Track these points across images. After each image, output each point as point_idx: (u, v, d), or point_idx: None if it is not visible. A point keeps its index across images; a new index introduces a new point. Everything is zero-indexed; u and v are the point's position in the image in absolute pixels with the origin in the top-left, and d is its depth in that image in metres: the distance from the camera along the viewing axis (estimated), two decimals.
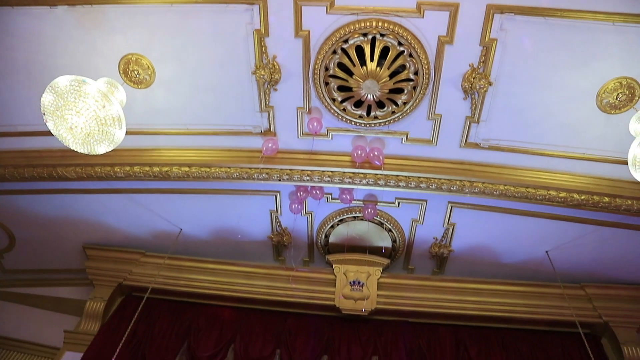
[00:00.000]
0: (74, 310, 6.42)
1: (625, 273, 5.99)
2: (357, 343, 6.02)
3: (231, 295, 6.32)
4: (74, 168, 5.34)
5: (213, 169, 5.34)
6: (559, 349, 5.81)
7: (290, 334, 6.11)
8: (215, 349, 5.89)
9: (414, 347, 5.94)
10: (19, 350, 6.12)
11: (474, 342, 5.96)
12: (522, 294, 6.12)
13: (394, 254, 6.46)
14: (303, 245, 6.55)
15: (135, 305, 6.00)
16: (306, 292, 6.28)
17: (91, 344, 5.73)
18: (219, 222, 6.26)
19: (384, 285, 6.27)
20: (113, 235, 6.43)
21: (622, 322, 5.85)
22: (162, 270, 6.26)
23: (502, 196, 5.21)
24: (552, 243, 5.85)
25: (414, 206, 5.88)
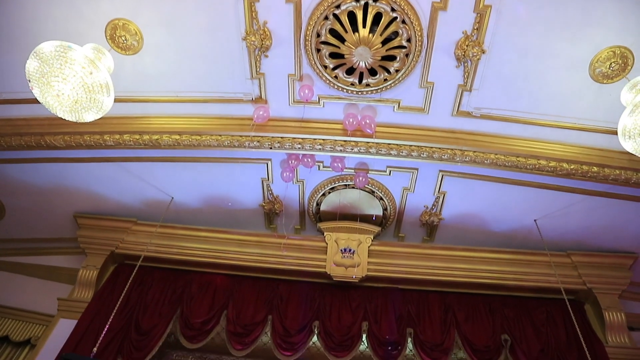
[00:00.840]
0: (67, 278, 6.46)
1: (611, 241, 6.10)
2: (348, 309, 6.13)
3: (223, 263, 6.38)
4: (63, 136, 5.27)
5: (204, 136, 5.31)
6: (543, 314, 5.97)
7: (282, 300, 6.21)
8: (208, 315, 5.98)
9: (403, 313, 6.07)
10: (13, 318, 6.18)
11: (461, 308, 6.11)
12: (509, 262, 6.24)
13: (384, 222, 6.52)
14: (294, 213, 6.58)
15: (128, 273, 6.05)
16: (298, 260, 6.35)
17: (85, 311, 5.79)
18: (211, 191, 6.26)
19: (375, 252, 6.36)
20: (104, 204, 6.41)
21: (605, 289, 5.99)
22: (154, 239, 6.29)
23: (492, 165, 5.23)
24: (540, 212, 5.92)
25: (405, 174, 5.90)
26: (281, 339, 5.91)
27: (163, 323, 5.87)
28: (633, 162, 4.88)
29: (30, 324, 6.10)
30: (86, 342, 5.40)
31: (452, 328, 5.92)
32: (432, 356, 5.75)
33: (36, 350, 5.56)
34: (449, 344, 5.79)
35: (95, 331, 5.51)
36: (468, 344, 5.78)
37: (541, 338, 5.72)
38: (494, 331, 5.84)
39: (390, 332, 5.90)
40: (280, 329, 5.95)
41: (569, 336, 5.70)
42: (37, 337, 5.90)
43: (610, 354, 5.52)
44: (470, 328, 5.90)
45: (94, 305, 5.87)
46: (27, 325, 6.11)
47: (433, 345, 5.79)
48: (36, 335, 5.95)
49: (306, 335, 5.94)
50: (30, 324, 6.11)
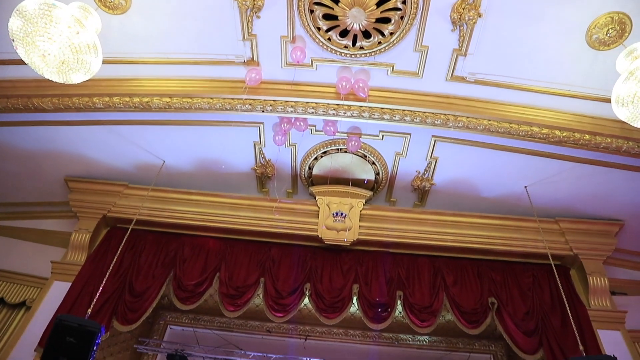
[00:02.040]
0: (60, 242, 6.47)
1: (598, 209, 6.18)
2: (339, 272, 6.24)
3: (216, 226, 6.42)
4: (51, 99, 5.18)
5: (195, 99, 5.24)
6: (530, 278, 6.13)
7: (274, 263, 6.29)
8: (201, 277, 6.07)
9: (393, 276, 6.19)
10: (8, 280, 6.22)
11: (450, 271, 6.24)
12: (498, 227, 6.34)
13: (376, 187, 6.55)
14: (287, 177, 6.58)
15: (121, 236, 6.07)
16: (290, 223, 6.40)
17: (79, 273, 5.84)
18: (202, 154, 6.22)
19: (366, 216, 6.41)
20: (95, 167, 6.37)
21: (590, 255, 6.12)
22: (146, 202, 6.29)
23: (485, 131, 5.22)
24: (531, 179, 5.96)
25: (397, 139, 5.89)
26: (273, 300, 6.02)
27: (156, 285, 5.95)
28: (625, 130, 4.89)
29: (25, 287, 6.15)
30: (81, 304, 5.47)
31: (440, 291, 6.06)
32: (421, 318, 5.91)
33: (31, 312, 5.62)
34: (437, 306, 5.94)
35: (89, 293, 5.58)
36: (456, 307, 5.93)
37: (527, 301, 5.88)
38: (481, 294, 5.98)
39: (381, 294, 6.03)
40: (272, 291, 6.05)
41: (554, 299, 5.87)
42: (32, 299, 5.96)
43: (592, 317, 5.69)
44: (458, 291, 6.04)
45: (87, 268, 5.92)
46: (21, 287, 6.16)
47: (422, 307, 5.94)
48: (31, 297, 6.01)
49: (298, 297, 6.06)
50: (24, 287, 6.16)
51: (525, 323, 5.70)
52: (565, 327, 5.53)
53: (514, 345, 5.70)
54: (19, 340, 5.34)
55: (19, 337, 5.38)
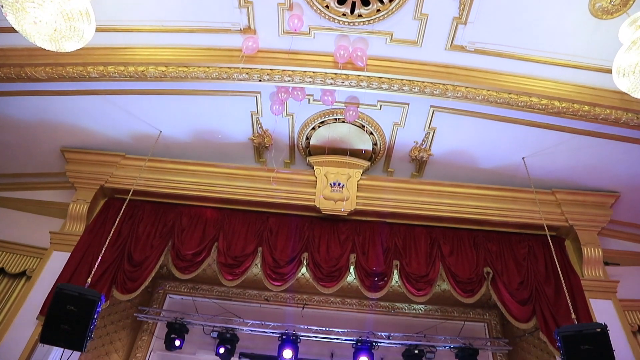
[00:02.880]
0: (58, 212, 6.48)
1: (595, 180, 6.19)
2: (336, 241, 6.30)
3: (213, 196, 6.44)
4: (44, 68, 5.10)
5: (191, 68, 5.17)
6: (525, 249, 6.20)
7: (272, 233, 6.34)
8: (199, 247, 6.12)
9: (390, 246, 6.25)
10: (8, 251, 6.25)
11: (447, 241, 6.31)
12: (496, 198, 6.36)
13: (374, 157, 6.53)
14: (284, 147, 6.55)
15: (119, 207, 6.09)
16: (287, 193, 6.42)
17: (77, 244, 5.88)
18: (199, 124, 6.17)
19: (364, 187, 6.43)
20: (91, 138, 6.32)
21: (585, 226, 6.16)
22: (143, 173, 6.28)
23: (484, 101, 5.18)
24: (529, 150, 5.94)
25: (395, 109, 5.84)
26: (271, 269, 6.09)
27: (155, 255, 6.01)
28: (624, 101, 4.86)
29: (25, 257, 6.19)
30: (80, 274, 5.53)
31: (437, 260, 6.13)
32: (417, 287, 6.00)
33: (32, 282, 5.68)
34: (433, 276, 6.02)
35: (88, 263, 5.63)
36: (452, 276, 6.01)
37: (521, 271, 5.97)
38: (477, 264, 6.06)
39: (377, 263, 6.10)
40: (270, 260, 6.12)
41: (548, 270, 5.95)
42: (32, 269, 6.00)
43: (585, 286, 5.78)
44: (454, 261, 6.12)
45: (86, 238, 5.96)
46: (21, 257, 6.20)
47: (418, 276, 6.02)
48: (31, 267, 6.05)
49: (295, 266, 6.13)
50: (24, 257, 6.19)
51: (520, 292, 5.79)
52: (558, 297, 5.63)
53: (507, 313, 5.82)
54: (21, 308, 5.42)
55: (20, 305, 5.45)
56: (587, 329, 4.63)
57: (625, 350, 5.25)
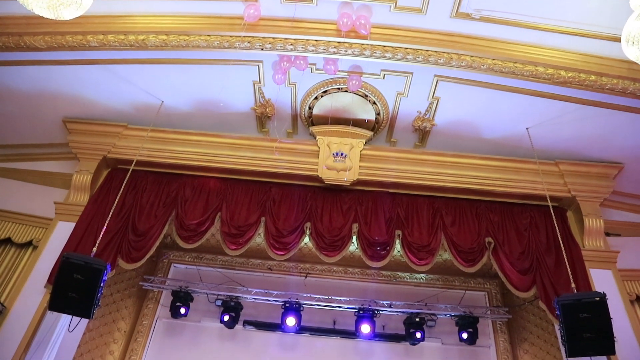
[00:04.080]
0: (62, 183, 6.49)
1: (598, 151, 6.16)
2: (339, 211, 6.33)
3: (216, 167, 6.45)
4: (43, 37, 5.03)
5: (192, 37, 5.09)
6: (527, 219, 6.22)
7: (275, 203, 6.38)
8: (202, 217, 6.16)
9: (392, 216, 6.29)
10: (13, 221, 6.30)
11: (449, 212, 6.34)
12: (499, 169, 6.34)
13: (377, 127, 6.49)
14: (287, 117, 6.51)
15: (122, 177, 6.11)
16: (290, 163, 6.41)
17: (82, 214, 5.94)
18: (201, 94, 6.13)
19: (366, 157, 6.42)
20: (93, 108, 6.29)
21: (588, 197, 6.17)
22: (146, 143, 6.27)
23: (489, 70, 5.11)
24: (533, 120, 5.89)
25: (399, 78, 5.77)
26: (274, 239, 6.15)
27: (159, 224, 6.07)
28: (632, 71, 4.77)
29: (31, 227, 6.24)
30: (86, 243, 5.60)
31: (439, 230, 6.18)
32: (419, 256, 6.06)
33: (38, 251, 5.77)
34: (435, 245, 6.08)
35: (93, 233, 5.69)
36: (454, 246, 6.07)
37: (523, 241, 6.01)
38: (478, 234, 6.11)
39: (380, 233, 6.15)
40: (273, 230, 6.17)
41: (549, 240, 5.99)
42: (38, 239, 6.07)
43: (585, 256, 5.84)
44: (456, 231, 6.16)
45: (90, 209, 6.01)
46: (27, 228, 6.25)
47: (420, 246, 6.08)
48: (37, 237, 6.11)
49: (298, 236, 6.20)
50: (30, 227, 6.24)
51: (521, 262, 5.85)
52: (558, 266, 5.67)
53: (508, 283, 5.89)
54: (29, 277, 5.52)
55: (28, 274, 5.55)
56: (586, 297, 4.70)
57: (622, 318, 5.34)
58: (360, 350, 7.51)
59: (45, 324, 5.28)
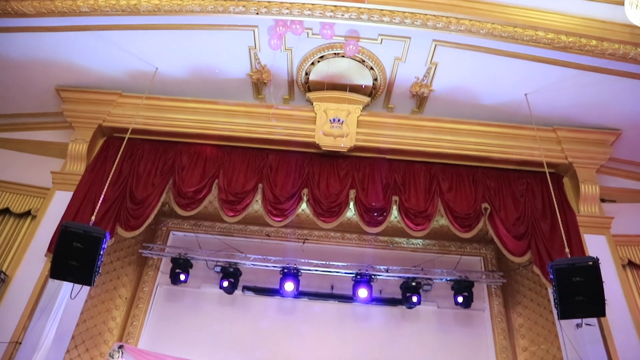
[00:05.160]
0: (58, 152, 6.47)
1: (597, 118, 6.14)
2: (336, 177, 6.35)
3: (212, 134, 6.42)
4: (31, 2, 4.93)
5: (185, 1, 5.01)
6: (523, 185, 6.26)
7: (272, 169, 6.39)
8: (200, 184, 6.18)
9: (389, 182, 6.32)
10: (11, 191, 6.30)
11: (446, 178, 6.36)
12: (496, 135, 6.33)
13: (374, 93, 6.43)
14: (283, 83, 6.43)
15: (118, 145, 6.08)
16: (287, 130, 6.39)
17: (79, 183, 5.95)
18: (196, 60, 6.04)
19: (363, 123, 6.38)
20: (86, 76, 6.20)
21: (585, 163, 6.18)
22: (141, 111, 6.21)
23: (488, 35, 5.04)
24: (532, 86, 5.84)
25: (397, 43, 5.68)
26: (271, 205, 6.18)
27: (156, 192, 6.09)
28: (634, 35, 4.71)
29: (29, 197, 6.25)
30: (84, 212, 5.63)
31: (435, 196, 6.21)
32: (416, 222, 6.12)
33: (37, 221, 5.81)
34: (432, 211, 6.13)
35: (91, 202, 5.72)
36: (450, 212, 6.12)
37: (519, 207, 6.06)
38: (475, 200, 6.15)
39: (377, 199, 6.19)
40: (270, 196, 6.20)
41: (545, 206, 6.04)
42: (36, 208, 6.08)
43: (580, 222, 5.90)
44: (453, 197, 6.20)
45: (87, 178, 6.01)
46: (25, 197, 6.25)
47: (417, 212, 6.13)
48: (35, 207, 6.12)
49: (295, 202, 6.22)
50: (28, 197, 6.25)
51: (516, 228, 5.91)
52: (553, 232, 5.74)
53: (503, 248, 5.97)
54: (29, 246, 5.58)
55: (28, 244, 5.60)
56: (579, 262, 4.78)
57: (614, 282, 5.45)
58: (357, 314, 7.69)
59: (47, 291, 5.37)
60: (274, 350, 7.20)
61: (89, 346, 6.65)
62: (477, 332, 7.52)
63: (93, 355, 6.65)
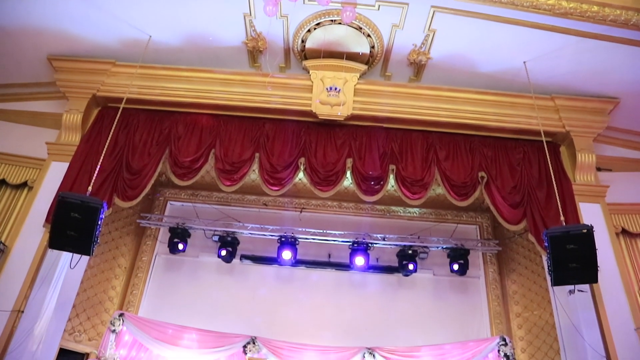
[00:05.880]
0: (53, 123, 6.40)
1: (596, 86, 6.09)
2: (333, 146, 6.34)
3: (208, 103, 6.37)
4: None
5: None
6: (520, 154, 6.26)
7: (268, 138, 6.37)
8: (196, 154, 6.17)
9: (386, 150, 6.31)
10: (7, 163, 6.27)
11: (443, 146, 6.36)
12: (494, 103, 6.30)
13: (371, 61, 6.35)
14: (279, 51, 6.33)
15: (113, 116, 6.03)
16: (283, 98, 6.34)
17: (75, 153, 5.93)
18: (190, 28, 5.92)
19: (361, 91, 6.33)
20: (78, 44, 6.09)
21: (582, 132, 6.17)
22: (136, 80, 6.13)
23: (487, 1, 4.96)
24: (531, 54, 5.77)
25: (394, 9, 5.57)
26: (268, 175, 6.19)
27: (153, 162, 6.08)
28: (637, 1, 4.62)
29: (24, 168, 6.24)
30: (81, 183, 5.62)
31: (432, 165, 6.23)
32: (413, 191, 6.15)
33: (34, 192, 5.81)
34: (429, 180, 6.15)
35: (88, 172, 5.70)
36: (447, 180, 6.14)
37: (515, 176, 6.08)
38: (472, 169, 6.16)
39: (374, 168, 6.20)
40: (267, 165, 6.20)
41: (541, 174, 6.06)
42: (33, 179, 6.08)
43: (576, 191, 5.94)
44: (450, 165, 6.21)
45: (82, 148, 5.98)
46: (21, 169, 6.24)
47: (414, 180, 6.15)
48: (32, 178, 6.12)
49: (292, 171, 6.24)
50: (24, 168, 6.24)
51: (512, 196, 5.95)
52: (549, 200, 5.78)
53: (499, 216, 6.02)
54: (27, 217, 5.60)
55: (26, 215, 5.62)
56: (573, 230, 4.84)
57: (607, 250, 5.53)
58: (354, 281, 7.82)
59: (47, 261, 5.41)
60: (273, 317, 7.35)
61: (90, 314, 6.77)
62: (472, 299, 7.68)
63: (94, 323, 6.78)
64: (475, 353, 6.43)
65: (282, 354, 6.58)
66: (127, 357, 6.50)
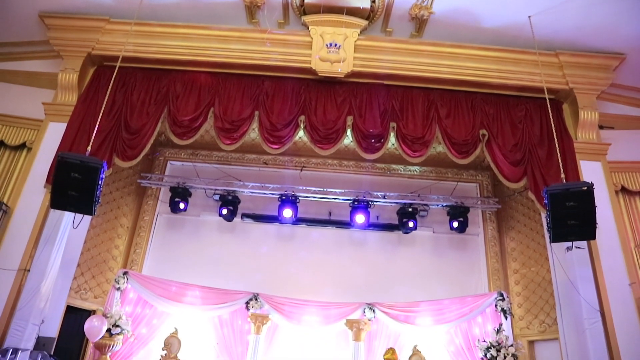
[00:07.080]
0: (48, 83, 6.31)
1: (601, 41, 5.97)
2: (333, 104, 6.28)
3: (206, 60, 6.27)
4: None
5: None
6: (522, 112, 6.20)
7: (268, 96, 6.30)
8: (195, 113, 6.12)
9: (387, 108, 6.26)
10: (4, 124, 6.23)
11: (444, 104, 6.30)
12: (497, 60, 6.20)
13: (372, 16, 6.19)
14: (277, 6, 6.16)
15: (109, 75, 5.91)
16: (282, 55, 6.23)
17: (72, 113, 5.88)
18: None
19: (361, 47, 6.22)
20: (70, 1, 5.92)
21: (585, 89, 6.09)
22: (131, 38, 5.99)
23: None
24: (536, 7, 5.61)
25: None
26: (268, 133, 6.17)
27: (152, 122, 6.04)
28: None
29: (22, 129, 6.19)
30: (80, 143, 5.60)
31: (433, 123, 6.18)
32: (413, 148, 6.14)
33: (33, 153, 5.81)
34: (429, 138, 6.12)
35: (86, 132, 5.66)
36: (448, 138, 6.11)
37: (516, 134, 6.05)
38: (473, 126, 6.12)
39: (374, 125, 6.16)
40: (267, 123, 6.16)
41: (543, 132, 6.03)
42: (31, 140, 6.06)
43: (577, 149, 5.93)
44: (451, 123, 6.17)
45: (80, 108, 5.93)
46: (19, 130, 6.20)
47: (414, 138, 6.13)
48: (30, 139, 6.09)
49: (292, 129, 6.21)
50: (22, 129, 6.20)
51: (513, 154, 5.94)
52: (550, 158, 5.78)
53: (500, 174, 6.03)
54: (27, 178, 5.62)
55: (26, 176, 5.64)
56: (574, 187, 4.85)
57: (606, 207, 5.58)
58: (354, 239, 7.91)
59: (49, 221, 5.46)
60: (274, 275, 7.47)
61: (95, 273, 6.88)
62: (471, 256, 7.80)
63: (99, 282, 6.90)
64: (473, 308, 6.58)
65: (284, 309, 6.73)
66: (133, 314, 6.66)
